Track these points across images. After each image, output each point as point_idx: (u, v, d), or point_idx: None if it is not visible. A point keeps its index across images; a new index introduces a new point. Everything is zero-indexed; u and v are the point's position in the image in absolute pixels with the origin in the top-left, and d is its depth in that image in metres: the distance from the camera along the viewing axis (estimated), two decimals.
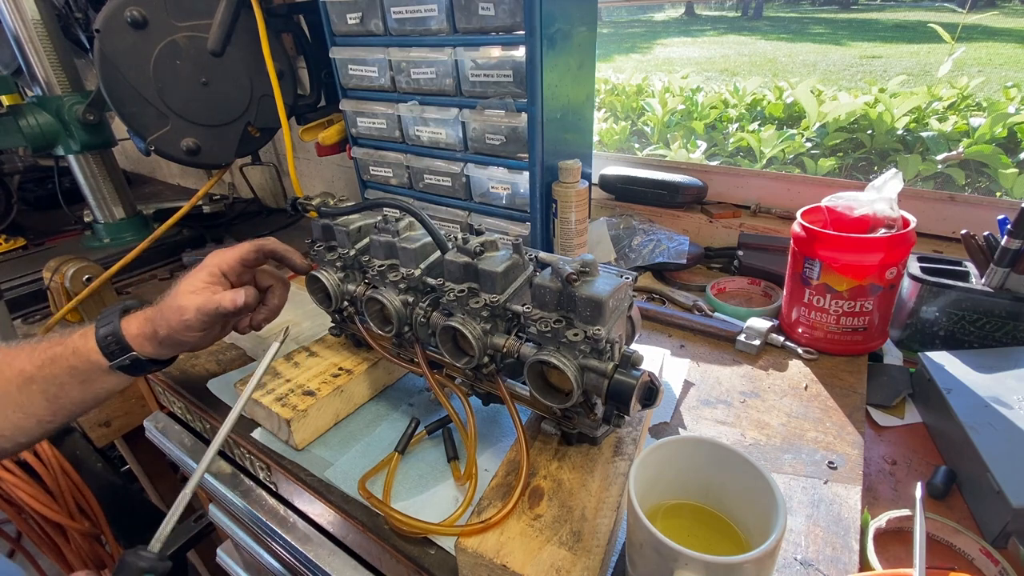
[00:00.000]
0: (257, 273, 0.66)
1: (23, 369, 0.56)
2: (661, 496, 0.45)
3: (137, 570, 0.36)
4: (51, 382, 0.56)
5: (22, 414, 0.56)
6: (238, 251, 0.62)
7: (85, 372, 0.57)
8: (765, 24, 7.27)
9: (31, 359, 0.57)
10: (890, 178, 0.68)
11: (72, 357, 0.57)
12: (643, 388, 0.46)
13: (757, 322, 0.73)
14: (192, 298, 0.58)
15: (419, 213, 0.56)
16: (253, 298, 0.61)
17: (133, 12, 0.90)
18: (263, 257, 0.64)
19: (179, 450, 0.78)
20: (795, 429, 0.59)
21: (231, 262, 0.61)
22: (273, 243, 0.65)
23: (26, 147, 1.07)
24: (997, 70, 3.39)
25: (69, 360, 0.57)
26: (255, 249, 0.63)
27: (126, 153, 1.99)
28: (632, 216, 1.03)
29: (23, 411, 0.56)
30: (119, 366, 0.58)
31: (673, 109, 2.03)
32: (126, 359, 0.58)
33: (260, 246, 0.64)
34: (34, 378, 0.56)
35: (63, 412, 0.58)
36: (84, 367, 0.57)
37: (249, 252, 0.63)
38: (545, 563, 0.42)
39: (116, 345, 0.57)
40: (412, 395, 0.69)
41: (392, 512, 0.50)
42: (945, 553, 0.49)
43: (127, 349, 0.58)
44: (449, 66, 0.82)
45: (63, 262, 0.93)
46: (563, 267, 0.47)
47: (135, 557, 0.36)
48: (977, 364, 0.63)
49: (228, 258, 0.61)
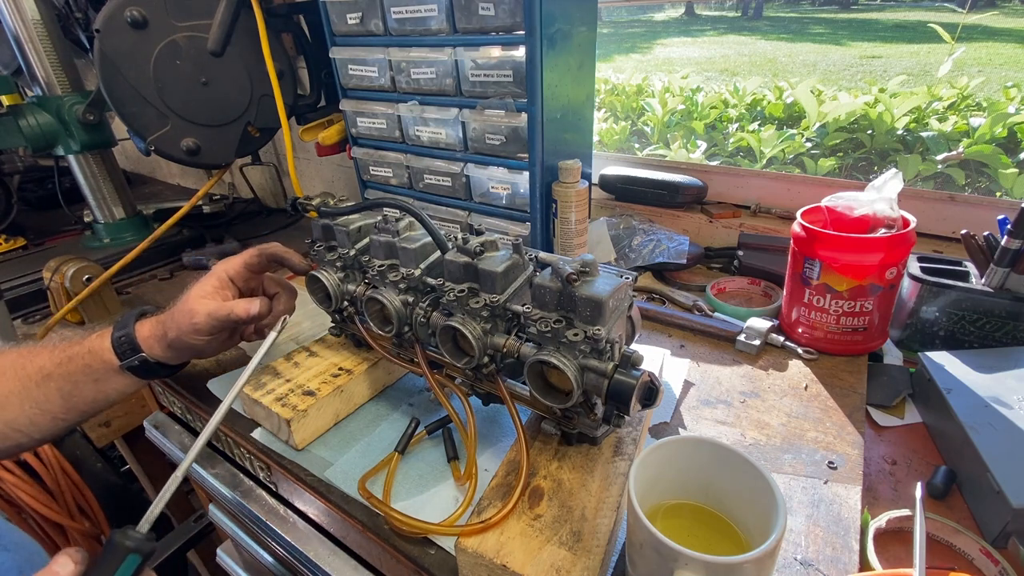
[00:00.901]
0: (264, 280, 0.69)
1: (43, 366, 0.58)
2: (661, 496, 0.45)
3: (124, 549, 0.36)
4: (67, 379, 0.59)
5: (38, 410, 0.58)
6: (243, 257, 0.65)
7: (98, 371, 0.60)
8: (765, 24, 7.27)
9: (51, 356, 0.59)
10: (890, 178, 0.68)
11: (88, 356, 0.60)
12: (643, 388, 0.46)
13: (757, 322, 0.73)
14: (203, 303, 0.60)
15: (419, 213, 0.56)
16: (265, 308, 0.64)
17: (133, 12, 0.90)
18: (266, 261, 0.66)
19: (179, 450, 0.78)
20: (795, 429, 0.59)
21: (237, 268, 0.64)
22: (274, 247, 0.67)
23: (26, 147, 1.07)
24: (997, 70, 3.39)
25: (85, 359, 0.60)
26: (258, 253, 0.66)
27: (126, 153, 1.99)
28: (632, 216, 1.03)
29: (39, 407, 0.58)
30: (128, 366, 0.60)
31: (673, 109, 2.03)
32: (135, 359, 0.60)
33: (262, 250, 0.66)
34: (52, 375, 0.58)
35: (75, 411, 0.60)
36: (97, 366, 0.60)
37: (253, 256, 0.65)
38: (545, 563, 0.42)
39: (128, 346, 0.60)
40: (412, 395, 0.69)
41: (392, 512, 0.50)
42: (945, 553, 0.49)
43: (137, 350, 0.60)
44: (449, 66, 0.82)
45: (63, 262, 0.93)
46: (563, 267, 0.47)
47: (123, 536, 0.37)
48: (977, 364, 0.63)
49: (234, 264, 0.64)
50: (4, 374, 0.57)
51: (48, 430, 0.59)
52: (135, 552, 0.37)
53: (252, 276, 0.66)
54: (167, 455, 0.82)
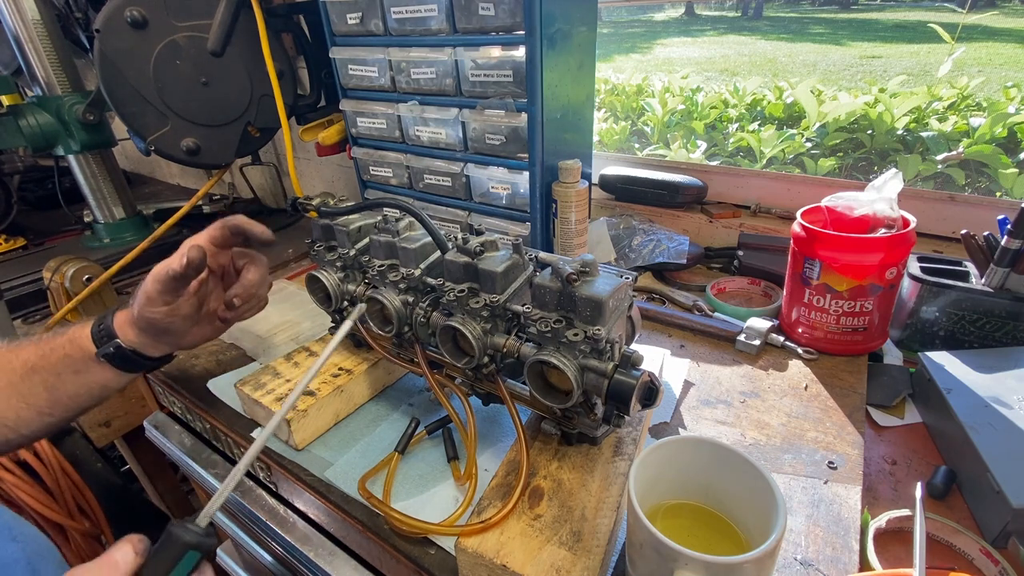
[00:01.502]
0: (233, 254, 0.66)
1: (27, 359, 0.58)
2: (661, 496, 0.45)
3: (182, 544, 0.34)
4: (50, 371, 0.58)
5: (24, 404, 0.57)
6: (207, 231, 0.63)
7: (78, 361, 0.59)
8: (765, 24, 7.27)
9: (36, 349, 0.59)
10: (890, 178, 0.68)
11: (68, 345, 0.59)
12: (643, 388, 0.46)
13: (757, 322, 0.73)
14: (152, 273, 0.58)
15: (419, 213, 0.56)
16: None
17: (133, 12, 0.90)
18: (230, 233, 0.63)
19: (179, 450, 0.78)
20: (795, 429, 0.59)
21: (202, 241, 0.62)
22: (237, 218, 0.64)
23: (26, 147, 1.07)
24: (997, 70, 3.39)
25: (66, 348, 0.59)
26: (221, 225, 0.63)
27: (126, 153, 1.99)
28: (632, 216, 1.03)
29: (25, 400, 0.57)
30: (104, 353, 0.59)
31: (673, 109, 2.03)
32: (111, 346, 0.59)
33: (225, 222, 0.63)
34: (36, 367, 0.58)
35: (59, 405, 0.59)
36: (77, 355, 0.59)
37: (216, 230, 0.63)
38: (545, 563, 0.42)
39: (105, 333, 0.60)
40: (412, 395, 0.69)
41: (392, 512, 0.50)
42: (945, 553, 0.49)
43: (112, 336, 0.59)
44: (449, 66, 0.82)
45: (63, 262, 0.93)
46: (563, 267, 0.47)
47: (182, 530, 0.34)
48: (977, 364, 0.63)
49: (198, 239, 0.62)
50: None
51: (35, 426, 0.58)
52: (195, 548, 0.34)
53: (219, 251, 0.64)
54: (167, 455, 0.82)
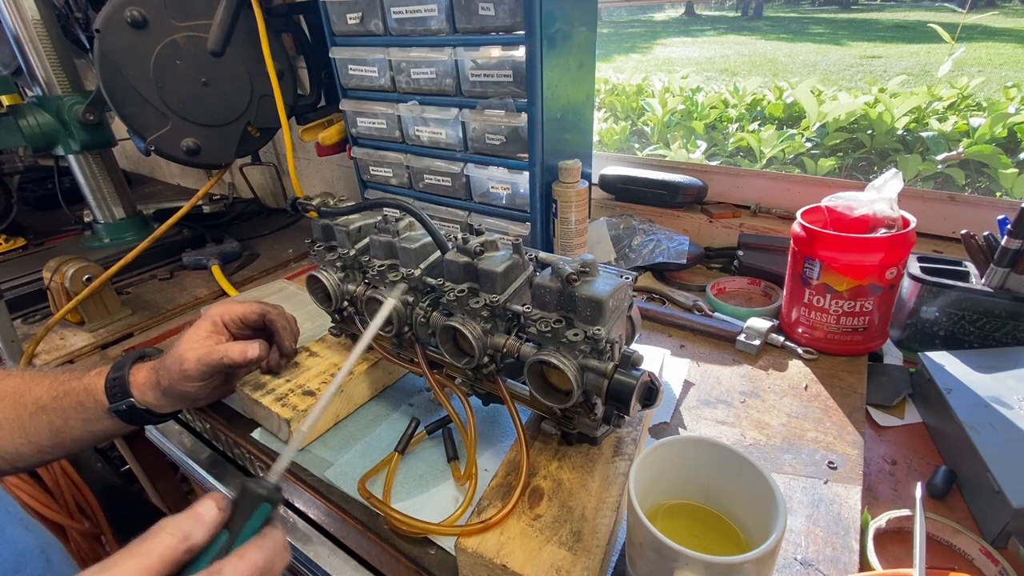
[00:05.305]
0: None
1: (39, 397, 0.57)
2: (661, 496, 0.45)
3: (256, 496, 0.36)
4: (59, 414, 0.57)
5: (26, 440, 0.56)
6: (243, 308, 0.63)
7: (90, 410, 0.58)
8: (765, 24, 7.27)
9: (49, 388, 0.58)
10: (890, 178, 0.68)
11: (83, 393, 0.58)
12: (643, 388, 0.46)
13: (757, 322, 0.73)
14: (193, 350, 0.58)
15: (419, 213, 0.56)
16: (264, 351, 0.61)
17: (133, 12, 0.90)
18: (263, 323, 0.65)
19: (179, 450, 0.78)
20: (795, 429, 0.59)
21: (234, 317, 0.62)
22: (276, 315, 0.65)
23: (26, 147, 1.07)
24: (997, 70, 3.39)
25: (79, 396, 0.58)
26: (261, 313, 0.64)
27: (126, 153, 1.99)
28: (632, 216, 1.03)
29: (27, 438, 0.56)
30: (116, 410, 0.58)
31: (673, 109, 2.03)
32: (123, 404, 0.58)
33: (265, 312, 0.64)
34: (46, 408, 0.57)
35: (61, 447, 0.59)
36: (90, 405, 0.58)
37: (253, 314, 0.63)
38: (545, 563, 0.42)
39: (119, 389, 0.59)
40: (412, 395, 0.69)
41: (392, 512, 0.50)
42: (945, 553, 0.49)
43: (127, 394, 0.58)
44: (449, 66, 0.82)
45: (63, 262, 0.93)
46: (563, 267, 0.47)
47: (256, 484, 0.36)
48: (977, 364, 0.63)
49: (232, 312, 0.62)
50: (3, 400, 0.57)
51: (30, 461, 0.58)
52: (267, 501, 0.36)
53: (247, 328, 0.64)
54: (167, 455, 0.82)
